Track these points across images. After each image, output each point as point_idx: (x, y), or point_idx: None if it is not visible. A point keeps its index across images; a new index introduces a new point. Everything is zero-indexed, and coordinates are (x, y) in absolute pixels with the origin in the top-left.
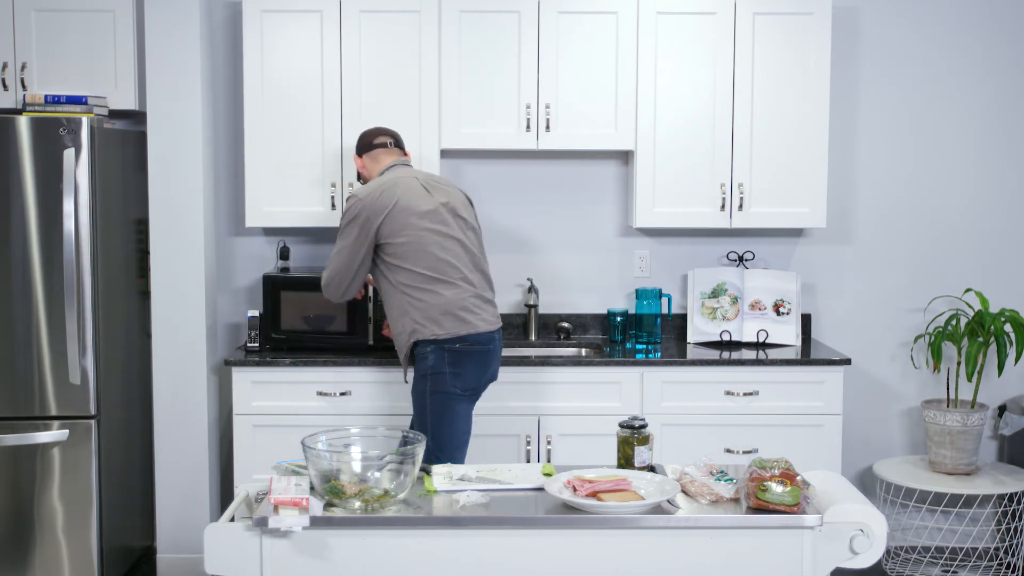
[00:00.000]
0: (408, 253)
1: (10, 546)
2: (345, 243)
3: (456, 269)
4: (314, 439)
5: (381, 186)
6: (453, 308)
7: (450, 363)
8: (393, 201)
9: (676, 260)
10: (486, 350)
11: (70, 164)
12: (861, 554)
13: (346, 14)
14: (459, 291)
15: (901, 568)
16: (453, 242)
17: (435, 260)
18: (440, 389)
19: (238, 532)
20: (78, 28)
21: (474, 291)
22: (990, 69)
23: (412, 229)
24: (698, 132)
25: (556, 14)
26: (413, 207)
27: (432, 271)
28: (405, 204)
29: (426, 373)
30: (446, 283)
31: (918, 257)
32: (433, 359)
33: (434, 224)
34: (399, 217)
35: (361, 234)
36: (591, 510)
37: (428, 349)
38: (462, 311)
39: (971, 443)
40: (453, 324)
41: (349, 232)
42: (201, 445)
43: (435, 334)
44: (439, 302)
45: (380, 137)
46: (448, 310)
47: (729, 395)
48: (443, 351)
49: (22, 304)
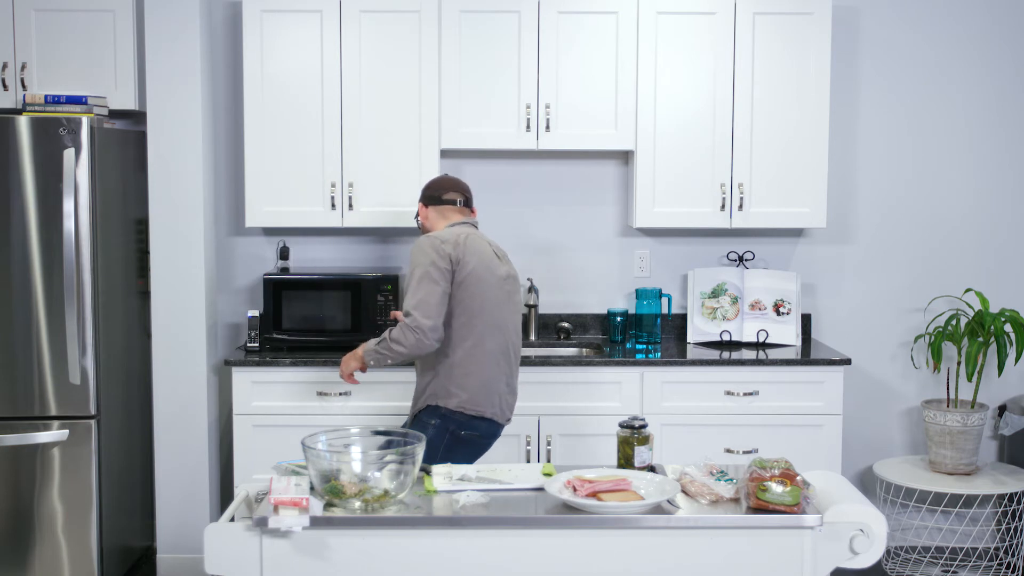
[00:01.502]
0: (471, 309)
1: (10, 546)
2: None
3: (501, 348)
4: (314, 439)
5: (455, 233)
6: (483, 389)
7: (446, 446)
8: (469, 250)
9: (676, 260)
10: (486, 444)
11: (70, 164)
12: (861, 554)
13: (346, 14)
14: (497, 372)
15: (901, 568)
16: (508, 319)
17: (488, 327)
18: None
19: (238, 532)
20: (78, 28)
21: (508, 380)
22: (990, 69)
23: (483, 285)
24: (698, 132)
25: (556, 14)
26: (486, 263)
27: (479, 338)
28: (479, 257)
29: None
30: (488, 358)
31: (918, 257)
32: (432, 434)
33: (503, 290)
34: (474, 263)
35: (441, 264)
36: (591, 510)
37: (433, 421)
38: (489, 395)
39: (971, 443)
40: (474, 404)
41: (430, 261)
42: (201, 445)
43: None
44: (473, 374)
45: (451, 193)
46: (477, 388)
47: (729, 395)
48: (446, 431)
49: (22, 304)
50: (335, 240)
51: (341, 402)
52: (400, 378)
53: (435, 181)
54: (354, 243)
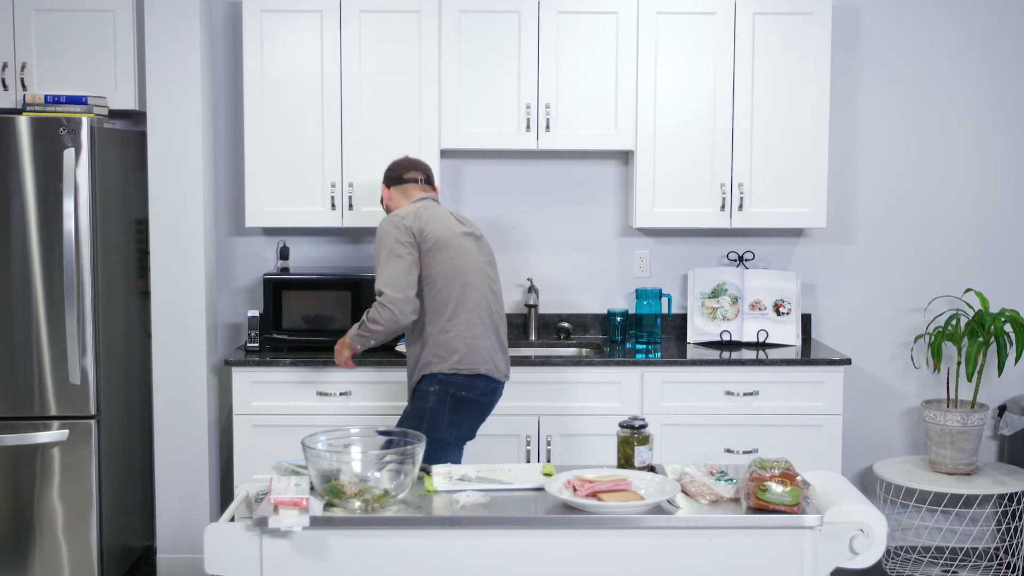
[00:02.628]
0: (443, 273)
1: (10, 546)
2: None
3: (482, 306)
4: (314, 439)
5: (415, 208)
6: (472, 346)
7: (450, 410)
8: (430, 219)
9: (676, 260)
10: (488, 402)
11: (70, 164)
12: (861, 554)
13: (346, 14)
14: (483, 329)
15: (901, 568)
16: (482, 277)
17: (464, 288)
18: (434, 434)
19: (238, 532)
20: (78, 28)
21: (496, 336)
22: (990, 69)
23: (450, 249)
24: (698, 132)
25: (556, 14)
26: (449, 227)
27: (458, 300)
28: (440, 223)
29: (423, 415)
30: (470, 317)
31: (918, 257)
32: (434, 401)
33: (467, 250)
34: (437, 230)
35: (405, 238)
36: (591, 510)
37: (432, 389)
38: (479, 352)
39: (971, 443)
40: (467, 362)
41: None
42: (201, 445)
43: (452, 368)
44: (460, 335)
45: (411, 172)
46: (467, 347)
47: (729, 395)
48: (447, 395)
49: (22, 304)
50: (335, 240)
51: (341, 402)
52: (400, 378)
53: (396, 163)
54: (354, 243)
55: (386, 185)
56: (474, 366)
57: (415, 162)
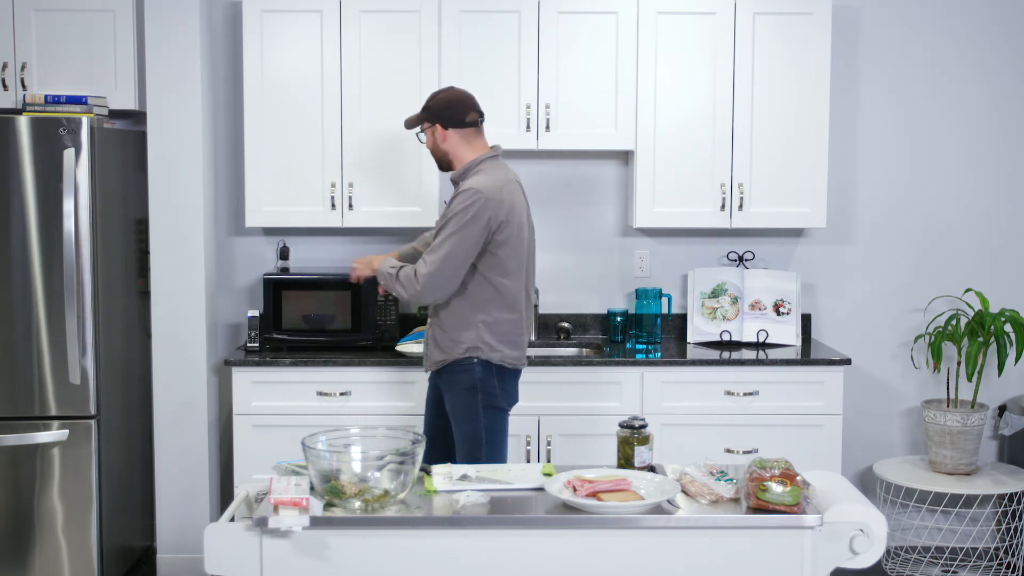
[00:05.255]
0: (514, 270)
1: (10, 546)
2: (463, 238)
3: (529, 299)
4: (314, 439)
5: (501, 186)
6: (520, 343)
7: (499, 377)
8: (513, 207)
9: (676, 260)
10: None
11: (70, 164)
12: (861, 554)
13: (346, 14)
14: (528, 324)
15: (901, 568)
16: (533, 266)
17: (526, 285)
18: (493, 404)
19: (238, 532)
20: (78, 28)
21: (529, 322)
22: (990, 69)
23: (523, 246)
24: (698, 132)
25: (556, 14)
26: (523, 220)
27: (519, 297)
28: (519, 215)
29: (475, 386)
30: (528, 315)
31: (918, 257)
32: (481, 371)
33: (531, 245)
34: (513, 221)
35: (482, 233)
36: (591, 510)
37: (475, 361)
38: (523, 347)
39: (971, 443)
40: (512, 359)
41: (470, 228)
42: (201, 445)
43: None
44: (515, 331)
45: (473, 113)
46: (517, 345)
47: (729, 395)
48: (492, 365)
49: (22, 304)
50: (335, 240)
51: (341, 402)
52: (400, 378)
53: (449, 96)
54: (354, 243)
55: (442, 126)
56: (518, 362)
57: (469, 97)
